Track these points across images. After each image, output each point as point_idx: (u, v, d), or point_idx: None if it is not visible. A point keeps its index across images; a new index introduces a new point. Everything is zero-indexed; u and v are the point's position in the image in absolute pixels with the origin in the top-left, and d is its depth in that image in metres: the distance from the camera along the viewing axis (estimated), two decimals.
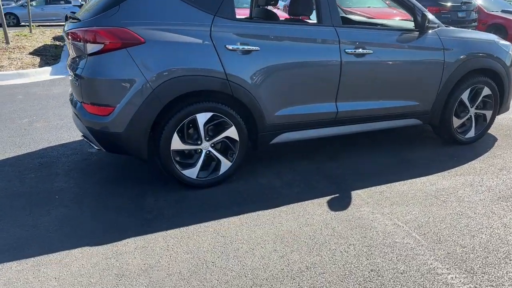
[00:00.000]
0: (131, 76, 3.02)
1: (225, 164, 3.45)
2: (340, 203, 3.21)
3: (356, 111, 3.82)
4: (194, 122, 3.26)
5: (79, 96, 3.27)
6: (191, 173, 3.35)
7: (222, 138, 3.39)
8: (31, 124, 5.16)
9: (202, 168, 3.39)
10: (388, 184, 3.53)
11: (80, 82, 3.15)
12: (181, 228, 2.86)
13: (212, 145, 3.38)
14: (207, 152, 3.38)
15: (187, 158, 3.39)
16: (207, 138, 3.34)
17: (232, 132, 3.39)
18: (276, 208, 3.12)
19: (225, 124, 3.37)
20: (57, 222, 2.94)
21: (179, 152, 3.33)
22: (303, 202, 3.22)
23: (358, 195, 3.34)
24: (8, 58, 8.81)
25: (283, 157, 4.10)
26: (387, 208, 3.14)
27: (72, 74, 3.32)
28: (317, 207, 3.15)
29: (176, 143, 3.23)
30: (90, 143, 3.36)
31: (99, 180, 3.60)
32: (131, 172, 3.75)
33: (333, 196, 3.32)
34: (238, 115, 3.38)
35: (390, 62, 3.83)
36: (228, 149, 3.48)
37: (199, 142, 3.32)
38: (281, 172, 3.76)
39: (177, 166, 3.31)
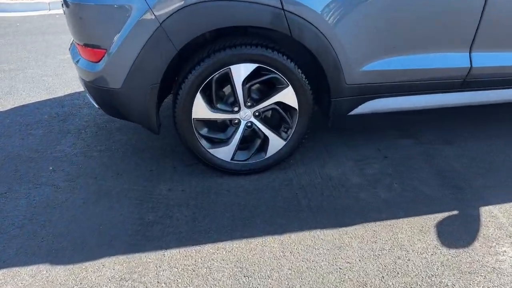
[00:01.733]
0: (125, 0, 1.89)
1: (276, 143, 2.27)
2: (460, 231, 1.89)
3: (504, 68, 2.29)
4: (228, 79, 2.08)
5: (71, 33, 2.26)
6: (223, 153, 2.24)
7: (272, 104, 2.18)
8: (71, 61, 4.40)
9: (240, 147, 2.26)
10: None
11: (66, 11, 2.12)
12: (189, 249, 1.82)
13: (257, 114, 2.20)
14: (248, 124, 2.21)
15: (218, 132, 2.27)
16: (249, 104, 2.16)
17: (287, 96, 2.15)
18: (347, 228, 1.91)
19: (277, 83, 2.14)
20: (30, 212, 2.09)
21: (206, 123, 2.22)
22: (393, 220, 1.96)
23: (492, 217, 1.97)
24: None
25: (369, 133, 2.77)
26: None
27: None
28: (417, 234, 1.87)
29: (200, 109, 2.11)
30: (90, 99, 2.39)
31: (111, 146, 2.68)
32: (156, 139, 2.76)
33: (447, 213, 2.00)
34: (299, 70, 2.11)
35: None
36: (281, 121, 2.28)
37: (235, 109, 2.16)
38: (364, 158, 2.47)
39: (202, 142, 2.21)
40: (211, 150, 2.23)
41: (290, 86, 2.13)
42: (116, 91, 2.05)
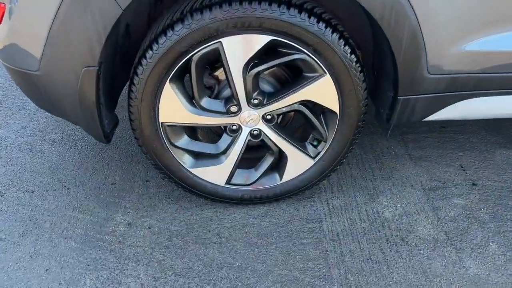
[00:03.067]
0: None
1: (298, 162, 1.40)
2: None
3: None
4: (217, 60, 1.20)
5: None
6: (214, 174, 1.41)
7: (296, 103, 1.29)
8: None
9: (240, 165, 1.41)
10: None
11: None
12: None
13: (269, 117, 1.32)
14: (255, 132, 1.34)
15: (205, 143, 1.42)
16: (255, 101, 1.27)
17: (322, 91, 1.26)
18: None
19: (305, 69, 1.24)
20: None
21: (184, 129, 1.37)
22: None
23: None
24: None
25: (446, 137, 1.83)
26: None
27: None
28: None
29: (172, 109, 1.26)
30: None
31: (70, 136, 1.90)
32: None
33: None
34: (347, 47, 1.18)
35: None
36: (307, 128, 1.40)
37: (233, 109, 1.29)
38: (439, 185, 1.57)
39: (180, 158, 1.38)
40: (194, 170, 1.40)
41: (328, 74, 1.22)
42: (34, 76, 1.22)
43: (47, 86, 1.23)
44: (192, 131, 1.40)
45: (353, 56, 1.19)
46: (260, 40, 1.15)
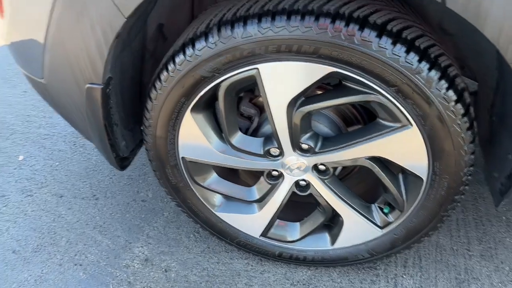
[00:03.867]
0: None
1: (359, 229, 1.03)
2: None
3: None
4: (250, 89, 0.87)
5: None
6: (246, 223, 1.10)
7: (363, 158, 0.90)
8: None
9: (280, 216, 1.08)
10: None
11: None
12: None
13: (322, 168, 0.96)
14: (302, 182, 1.00)
15: (236, 185, 1.10)
16: (305, 147, 0.92)
17: (403, 148, 0.85)
18: None
19: (382, 115, 0.84)
20: None
21: (211, 165, 1.06)
22: None
23: None
24: None
25: None
26: None
27: None
28: None
29: (195, 144, 0.96)
30: None
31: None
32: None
33: None
34: (452, 93, 0.76)
35: None
36: (377, 188, 1.00)
37: (273, 152, 0.95)
38: None
39: (204, 198, 1.09)
40: (222, 215, 1.10)
41: (414, 126, 0.81)
42: (41, 84, 1.01)
43: (54, 97, 1.02)
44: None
45: (458, 105, 0.77)
46: (314, 72, 0.78)
